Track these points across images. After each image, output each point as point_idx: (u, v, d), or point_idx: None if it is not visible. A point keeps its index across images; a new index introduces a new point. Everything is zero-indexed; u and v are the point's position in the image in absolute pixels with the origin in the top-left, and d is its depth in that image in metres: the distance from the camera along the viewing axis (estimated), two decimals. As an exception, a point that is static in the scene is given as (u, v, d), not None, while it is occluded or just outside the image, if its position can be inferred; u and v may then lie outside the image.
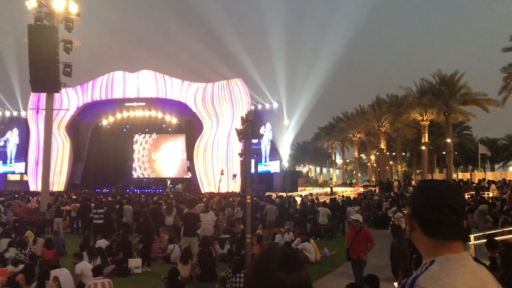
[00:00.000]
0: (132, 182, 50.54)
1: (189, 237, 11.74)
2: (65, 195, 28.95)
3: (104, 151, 49.57)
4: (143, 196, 30.53)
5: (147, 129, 50.24)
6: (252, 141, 12.31)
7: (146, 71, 43.89)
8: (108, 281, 7.90)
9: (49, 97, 22.17)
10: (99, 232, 16.05)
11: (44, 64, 20.26)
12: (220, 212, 19.33)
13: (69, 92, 42.53)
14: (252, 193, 10.90)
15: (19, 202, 22.42)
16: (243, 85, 41.51)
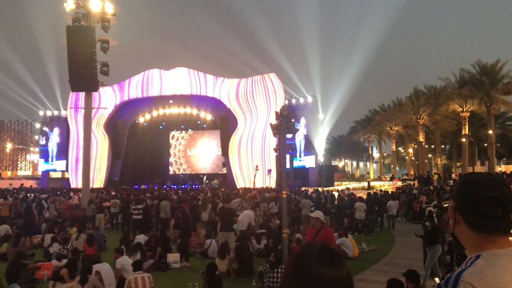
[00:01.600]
0: (169, 178, 51.34)
1: (226, 232, 11.76)
2: (105, 192, 29.67)
3: (142, 148, 50.54)
4: (180, 191, 30.90)
5: (182, 125, 50.83)
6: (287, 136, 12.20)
7: (180, 69, 44.34)
8: (148, 276, 8.00)
9: (88, 96, 22.70)
10: (138, 227, 16.35)
11: (82, 64, 20.74)
12: (255, 207, 19.33)
13: (107, 90, 43.48)
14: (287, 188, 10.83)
15: (61, 198, 23.10)
16: (278, 80, 41.34)
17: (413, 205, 22.84)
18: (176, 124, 50.25)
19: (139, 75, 45.46)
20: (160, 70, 45.06)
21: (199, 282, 9.13)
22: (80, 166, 32.06)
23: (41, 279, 9.82)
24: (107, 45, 21.35)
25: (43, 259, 11.43)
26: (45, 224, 17.27)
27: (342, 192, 26.24)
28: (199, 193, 26.26)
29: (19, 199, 23.05)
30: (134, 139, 49.13)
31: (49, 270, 9.97)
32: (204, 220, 15.32)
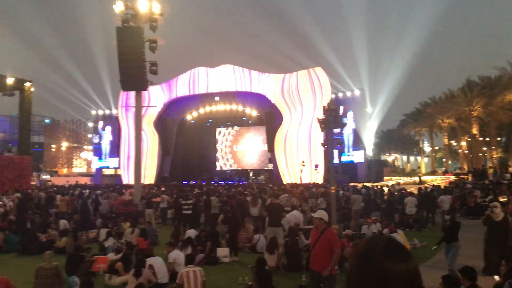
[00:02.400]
0: (216, 174, 52.03)
1: (274, 227, 11.79)
2: (155, 188, 30.46)
3: (190, 145, 51.54)
4: (227, 186, 31.24)
5: (228, 122, 51.36)
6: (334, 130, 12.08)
7: (226, 66, 44.74)
8: (200, 270, 8.14)
9: (138, 95, 23.30)
10: (188, 222, 16.67)
11: (132, 64, 21.30)
12: (303, 203, 19.25)
13: (156, 89, 44.51)
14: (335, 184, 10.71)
15: (114, 194, 23.91)
16: (324, 74, 40.88)
17: (466, 200, 22.03)
18: (222, 120, 50.82)
19: (186, 73, 46.25)
20: (206, 68, 45.65)
21: (248, 277, 9.21)
22: (132, 163, 33.06)
23: (97, 272, 10.21)
24: (155, 45, 21.80)
25: (99, 253, 11.90)
26: (100, 219, 17.97)
27: (392, 187, 25.67)
28: (246, 189, 26.45)
29: (75, 195, 24.08)
30: (182, 136, 50.18)
31: (105, 264, 10.35)
32: (253, 215, 15.42)
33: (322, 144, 13.72)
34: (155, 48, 21.79)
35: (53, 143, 72.09)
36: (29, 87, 33.02)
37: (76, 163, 74.22)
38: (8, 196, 22.85)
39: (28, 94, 33.14)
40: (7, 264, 11.30)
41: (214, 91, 45.06)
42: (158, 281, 8.64)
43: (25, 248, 13.14)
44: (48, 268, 8.73)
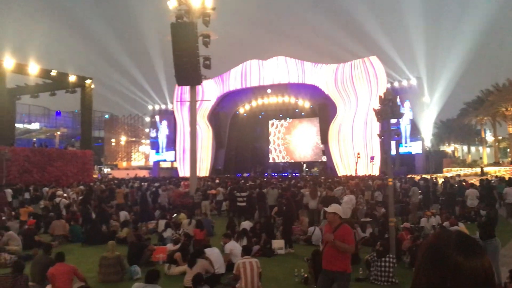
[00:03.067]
0: (269, 166, 52.19)
1: (330, 220, 11.67)
2: (210, 180, 30.99)
3: (243, 138, 51.99)
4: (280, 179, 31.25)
5: (281, 114, 51.30)
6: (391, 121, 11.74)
7: (278, 58, 44.61)
8: (256, 261, 8.19)
9: (192, 89, 23.73)
10: (243, 214, 16.84)
11: (186, 59, 21.68)
12: (359, 195, 18.91)
13: (209, 83, 45.15)
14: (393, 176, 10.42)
15: (171, 187, 24.56)
16: (379, 63, 39.85)
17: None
18: (275, 113, 50.82)
19: (238, 66, 46.58)
20: (258, 60, 45.75)
21: (304, 269, 9.17)
22: (187, 156, 33.83)
23: (157, 262, 10.52)
24: (209, 39, 22.07)
25: (158, 243, 12.26)
26: (158, 211, 18.51)
27: (452, 179, 24.70)
28: (300, 181, 26.36)
29: (135, 188, 24.95)
30: (235, 129, 50.69)
31: (164, 254, 10.65)
32: (312, 208, 15.33)
33: (378, 135, 13.37)
34: (208, 42, 22.04)
35: (113, 138, 74.97)
36: (89, 84, 34.46)
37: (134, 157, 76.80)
38: (72, 188, 24.03)
39: (89, 91, 34.60)
40: (73, 253, 11.88)
41: (266, 83, 45.11)
42: (215, 272, 8.78)
43: (88, 238, 13.77)
44: (111, 257, 9.10)
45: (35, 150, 30.44)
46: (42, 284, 8.18)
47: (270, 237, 12.34)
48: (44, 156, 29.60)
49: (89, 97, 34.70)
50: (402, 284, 8.59)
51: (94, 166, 41.45)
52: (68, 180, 29.34)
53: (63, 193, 22.45)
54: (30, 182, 25.90)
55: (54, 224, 14.37)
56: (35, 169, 28.47)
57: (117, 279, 9.05)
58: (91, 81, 34.57)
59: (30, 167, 28.20)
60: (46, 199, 21.34)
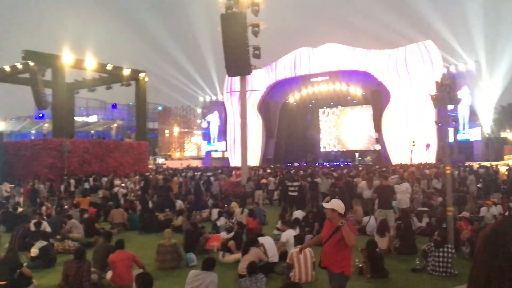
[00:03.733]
0: (320, 155, 51.77)
1: (384, 209, 11.43)
2: (261, 169, 31.13)
3: (293, 127, 51.81)
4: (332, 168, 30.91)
5: (332, 102, 50.60)
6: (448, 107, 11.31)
7: (329, 45, 43.94)
8: (309, 250, 8.16)
9: (242, 79, 23.83)
10: (294, 203, 16.82)
11: (236, 49, 21.76)
12: (416, 183, 18.39)
13: (259, 73, 45.13)
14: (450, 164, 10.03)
15: (223, 176, 24.90)
16: (434, 47, 38.35)
17: None
18: (326, 101, 50.21)
19: (288, 55, 46.30)
20: (308, 48, 45.25)
21: (359, 259, 9.04)
22: (238, 146, 34.12)
23: (211, 250, 10.71)
24: (258, 29, 22.00)
25: (212, 231, 12.48)
26: (211, 200, 18.84)
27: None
28: (352, 170, 25.98)
29: (188, 177, 25.49)
30: (285, 118, 50.58)
31: (218, 242, 10.83)
32: (366, 197, 15.09)
33: (435, 122, 12.93)
34: (258, 32, 21.99)
35: (166, 129, 76.84)
36: (143, 77, 35.34)
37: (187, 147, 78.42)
38: (129, 178, 24.87)
39: (143, 83, 35.50)
40: (131, 241, 12.29)
41: (316, 71, 44.60)
42: (269, 260, 8.82)
43: (146, 226, 14.21)
44: (168, 245, 9.35)
45: (94, 142, 31.69)
46: (103, 270, 8.53)
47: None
48: (102, 147, 30.76)
49: (143, 89, 35.61)
50: (461, 275, 8.29)
51: (149, 157, 42.65)
52: (125, 170, 30.36)
53: (121, 183, 23.31)
54: (89, 172, 27.05)
55: (113, 213, 14.94)
56: (94, 160, 29.67)
57: (174, 266, 9.29)
58: (145, 74, 35.44)
59: (89, 158, 29.41)
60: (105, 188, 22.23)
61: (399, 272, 8.81)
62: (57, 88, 29.67)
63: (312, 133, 53.87)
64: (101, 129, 67.79)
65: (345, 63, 42.46)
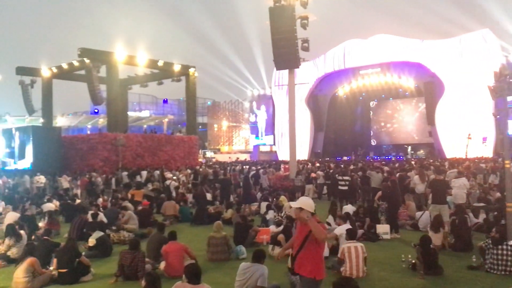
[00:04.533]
0: (371, 149, 50.83)
1: (438, 204, 11.07)
2: (310, 163, 30.94)
3: (342, 120, 51.14)
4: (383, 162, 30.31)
5: (383, 95, 49.49)
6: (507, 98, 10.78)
7: (380, 35, 42.94)
8: (361, 245, 8.05)
9: (291, 73, 23.70)
10: (344, 198, 16.60)
11: (284, 42, 21.65)
12: (471, 178, 17.69)
13: (308, 66, 44.83)
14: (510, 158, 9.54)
15: (272, 170, 24.94)
16: (492, 35, 36.57)
17: None
18: (376, 93, 49.21)
19: (337, 47, 45.67)
20: (359, 39, 44.40)
21: (412, 255, 8.82)
22: (286, 140, 34.02)
23: (261, 243, 10.76)
24: (307, 21, 21.76)
25: (261, 225, 12.54)
26: (260, 193, 18.93)
27: None
28: (405, 165, 25.33)
29: (237, 171, 25.73)
30: (334, 112, 50.00)
31: (267, 235, 10.87)
32: (419, 192, 14.68)
33: (493, 115, 12.37)
34: (307, 24, 21.76)
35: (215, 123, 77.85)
36: (193, 72, 35.91)
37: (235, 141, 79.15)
38: (181, 171, 25.43)
39: (193, 79, 36.07)
40: (183, 232, 12.56)
41: (367, 63, 43.74)
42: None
43: (196, 219, 14.49)
44: (218, 237, 9.49)
45: (146, 136, 32.58)
46: (157, 260, 8.77)
47: (374, 222, 12.03)
48: (154, 141, 31.59)
49: (193, 85, 36.17)
50: (522, 274, 7.92)
51: (199, 151, 43.41)
52: (176, 164, 31.07)
53: (173, 176, 23.87)
54: (142, 165, 27.88)
55: (165, 205, 15.34)
56: (147, 154, 30.52)
57: (224, 258, 9.41)
58: (195, 69, 35.98)
59: (142, 152, 30.29)
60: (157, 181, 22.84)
61: (454, 269, 8.52)
62: (111, 84, 30.71)
63: (362, 126, 52.95)
64: (153, 123, 69.65)
65: (397, 54, 41.32)
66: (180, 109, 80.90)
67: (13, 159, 29.95)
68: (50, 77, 35.39)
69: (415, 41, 40.77)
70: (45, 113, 36.39)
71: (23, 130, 31.04)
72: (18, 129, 31.68)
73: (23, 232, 10.33)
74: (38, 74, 35.42)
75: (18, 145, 29.61)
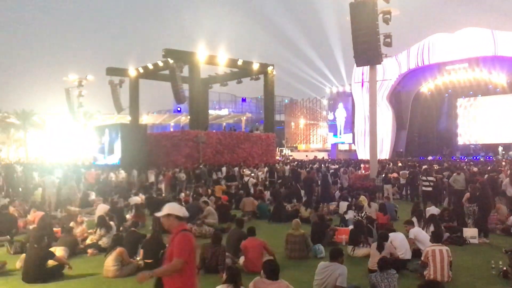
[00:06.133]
0: (458, 148, 48.23)
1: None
2: (391, 163, 29.97)
3: (426, 118, 49.06)
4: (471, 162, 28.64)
5: (471, 91, 46.67)
6: None
7: (468, 29, 40.49)
8: (446, 249, 7.67)
9: (372, 69, 23.10)
10: (428, 199, 15.90)
11: (365, 38, 21.13)
12: None
13: (390, 62, 43.40)
14: None
15: (351, 169, 24.47)
16: None
17: None
18: (464, 90, 46.53)
19: (421, 41, 43.76)
20: (445, 33, 42.21)
21: (503, 261, 8.26)
22: (367, 139, 33.25)
23: (339, 243, 10.60)
24: (389, 16, 21.10)
25: (340, 224, 12.35)
26: (338, 192, 18.66)
27: None
28: (495, 165, 23.75)
29: (315, 169, 25.53)
30: (418, 109, 48.09)
31: (346, 235, 10.68)
32: (510, 195, 13.72)
33: None
34: (389, 19, 21.12)
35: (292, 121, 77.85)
36: (271, 70, 36.17)
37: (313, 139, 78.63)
38: (259, 169, 25.74)
39: (271, 77, 36.34)
40: (261, 228, 12.67)
41: (454, 58, 41.43)
42: (400, 257, 8.47)
43: (274, 216, 14.59)
44: (297, 235, 9.49)
45: (226, 133, 33.38)
46: (236, 255, 8.95)
47: (461, 225, 11.41)
48: (233, 139, 32.28)
49: (271, 83, 36.43)
50: None
51: (276, 148, 43.67)
52: (254, 161, 31.51)
53: (251, 173, 24.23)
54: (222, 162, 28.60)
55: (244, 201, 15.62)
56: (226, 151, 31.26)
57: (302, 256, 9.39)
58: (273, 67, 36.21)
59: (222, 149, 31.07)
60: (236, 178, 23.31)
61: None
62: (193, 83, 31.79)
63: (448, 124, 50.32)
64: (231, 121, 71.20)
65: (487, 48, 38.70)
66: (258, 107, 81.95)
67: (103, 155, 31.98)
68: (137, 77, 37.28)
69: (508, 33, 37.95)
70: (132, 111, 38.40)
71: (112, 127, 33.05)
72: (108, 127, 33.78)
73: (113, 223, 11.02)
74: (126, 74, 37.41)
75: (108, 142, 31.54)
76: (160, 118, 75.14)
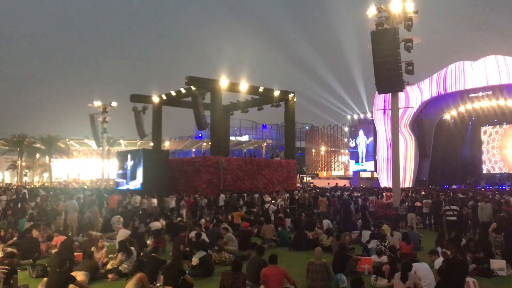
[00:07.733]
0: (483, 177, 47.22)
1: None
2: (414, 192, 29.44)
3: (450, 146, 48.38)
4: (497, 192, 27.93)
5: (495, 119, 45.97)
6: None
7: (491, 57, 40.16)
8: (473, 281, 7.47)
9: (394, 97, 22.98)
10: (452, 228, 15.53)
11: (387, 66, 21.09)
12: None
13: (412, 89, 43.27)
14: None
15: (373, 197, 24.11)
16: None
17: None
18: (488, 118, 45.88)
19: (443, 69, 43.53)
20: (466, 62, 41.95)
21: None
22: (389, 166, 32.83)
23: (362, 272, 10.38)
24: (411, 44, 21.10)
25: (362, 254, 12.11)
26: (361, 221, 18.36)
27: None
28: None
29: (336, 196, 25.26)
30: (441, 137, 47.52)
31: (369, 264, 10.47)
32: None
33: None
34: (411, 47, 21.12)
35: (313, 148, 77.70)
36: (292, 97, 36.34)
37: (334, 166, 78.10)
38: (279, 195, 25.58)
39: (292, 104, 36.49)
40: (281, 256, 12.49)
41: (477, 86, 41.03)
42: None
43: (295, 244, 14.40)
44: (318, 264, 9.32)
45: (246, 159, 33.39)
46: (256, 283, 8.83)
47: (489, 256, 11.05)
48: (253, 165, 32.27)
49: (292, 110, 36.55)
50: None
51: (297, 175, 43.43)
52: (274, 188, 31.36)
53: (271, 199, 24.08)
54: (242, 188, 28.53)
55: (264, 228, 15.47)
56: (246, 177, 31.23)
57: (324, 285, 9.20)
58: (293, 94, 36.38)
59: (242, 175, 31.05)
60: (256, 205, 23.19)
61: None
62: (215, 110, 32.11)
63: (472, 153, 49.46)
64: (252, 147, 71.35)
65: (510, 76, 38.25)
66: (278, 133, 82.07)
67: (125, 180, 32.29)
68: (160, 103, 37.89)
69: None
70: (155, 137, 38.91)
71: (135, 153, 33.43)
72: (130, 152, 34.19)
73: (133, 249, 11.03)
74: (149, 101, 38.09)
75: (131, 167, 31.87)
76: (182, 144, 75.88)
